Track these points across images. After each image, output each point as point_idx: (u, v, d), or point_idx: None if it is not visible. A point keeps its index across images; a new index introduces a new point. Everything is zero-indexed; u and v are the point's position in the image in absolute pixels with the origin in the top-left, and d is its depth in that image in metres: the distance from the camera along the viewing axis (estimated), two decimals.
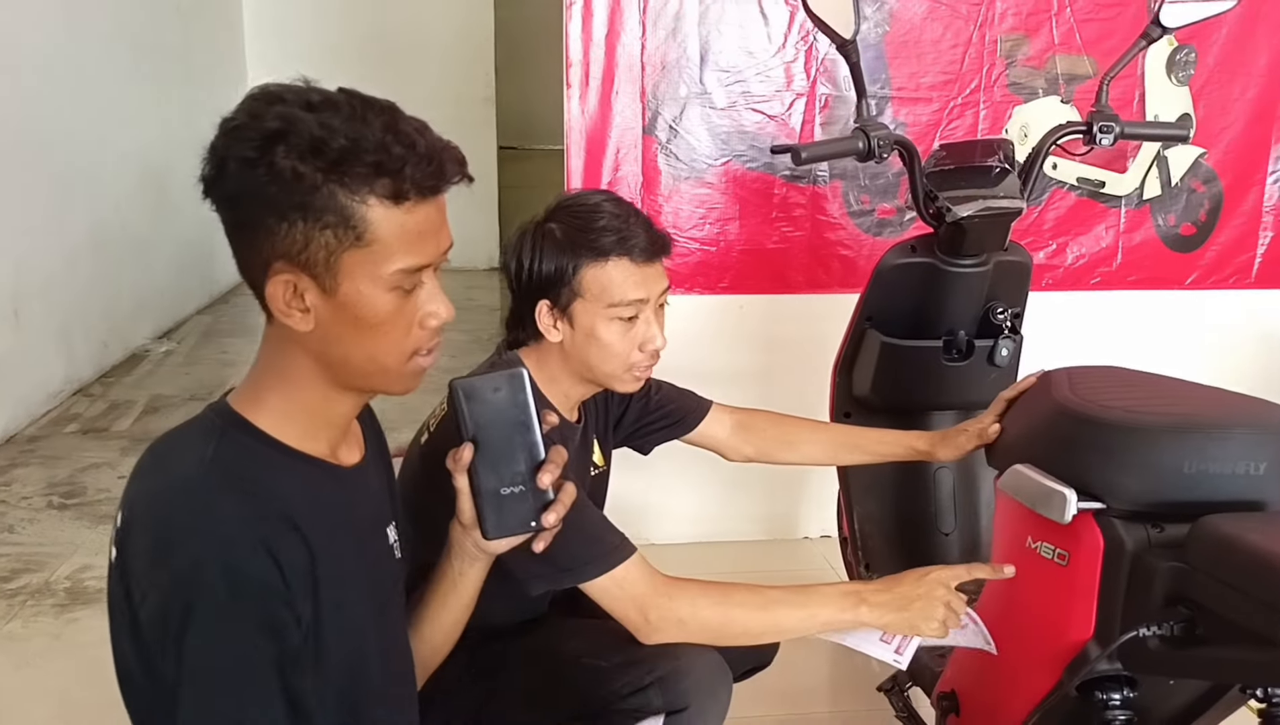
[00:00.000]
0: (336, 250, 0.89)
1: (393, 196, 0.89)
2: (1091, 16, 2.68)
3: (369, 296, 0.91)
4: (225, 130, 0.89)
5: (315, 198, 0.87)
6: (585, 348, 1.42)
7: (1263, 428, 1.21)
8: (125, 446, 3.43)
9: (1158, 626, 1.14)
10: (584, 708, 1.37)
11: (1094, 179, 2.82)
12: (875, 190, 2.72)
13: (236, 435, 0.94)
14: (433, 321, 0.95)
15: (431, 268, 0.94)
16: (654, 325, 1.43)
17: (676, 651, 1.34)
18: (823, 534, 2.88)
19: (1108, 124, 1.84)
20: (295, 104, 0.88)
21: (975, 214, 1.80)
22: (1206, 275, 2.90)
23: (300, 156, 0.86)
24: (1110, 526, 1.22)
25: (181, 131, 4.90)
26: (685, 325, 2.70)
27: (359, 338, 0.93)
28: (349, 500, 1.00)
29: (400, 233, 0.90)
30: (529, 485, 1.02)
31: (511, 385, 1.02)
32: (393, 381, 0.97)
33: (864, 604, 1.31)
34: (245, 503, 0.89)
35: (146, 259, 4.57)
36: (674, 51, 2.58)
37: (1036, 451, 1.33)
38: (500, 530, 1.04)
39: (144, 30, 4.65)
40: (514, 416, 1.02)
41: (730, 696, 1.40)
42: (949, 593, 1.32)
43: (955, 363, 1.94)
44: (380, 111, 0.90)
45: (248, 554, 0.86)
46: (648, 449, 1.74)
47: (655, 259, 1.42)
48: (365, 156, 0.87)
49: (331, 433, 1.00)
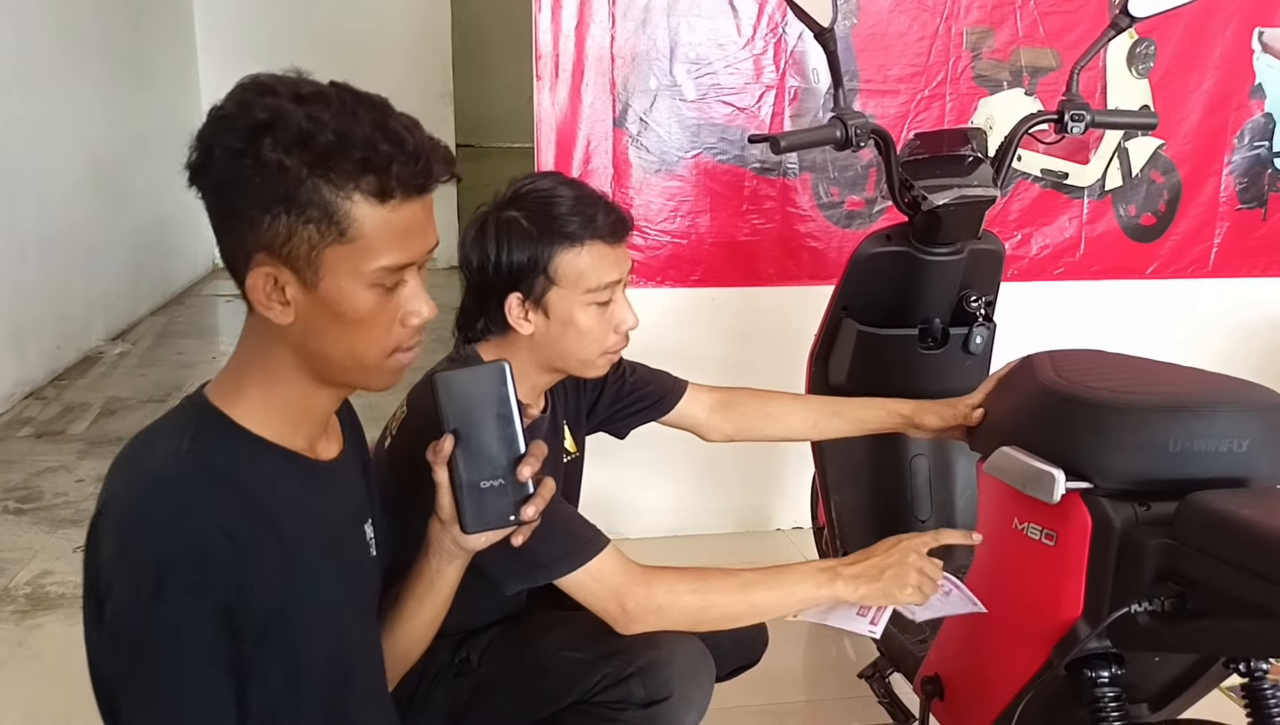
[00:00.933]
0: (319, 245, 0.88)
1: (378, 194, 0.88)
2: (1054, 9, 2.72)
3: (350, 292, 0.90)
4: (213, 118, 0.88)
5: (300, 191, 0.86)
6: (562, 336, 1.39)
7: (1246, 405, 1.23)
8: (82, 449, 3.35)
9: (1148, 602, 1.16)
10: (567, 701, 1.36)
11: (1057, 170, 2.86)
12: (845, 182, 2.74)
13: (212, 428, 0.93)
14: (414, 320, 0.95)
15: (415, 266, 0.94)
16: (624, 305, 1.42)
17: (658, 640, 1.33)
18: (795, 525, 2.89)
19: (1079, 112, 1.86)
20: (285, 96, 0.87)
21: (950, 202, 1.81)
22: (1166, 265, 2.95)
23: (287, 149, 0.85)
24: (1098, 505, 1.23)
25: (132, 131, 4.80)
26: (657, 318, 2.70)
27: (339, 333, 0.92)
28: (325, 495, 0.99)
29: (385, 230, 0.89)
30: (509, 479, 1.02)
31: (493, 378, 1.02)
32: (372, 377, 0.97)
33: (839, 578, 1.33)
34: (215, 498, 0.88)
35: (98, 260, 4.46)
36: (644, 44, 2.57)
37: (1023, 433, 1.35)
38: (479, 524, 1.04)
39: (93, 28, 4.55)
40: (495, 410, 1.02)
41: (713, 683, 1.40)
42: (920, 558, 1.34)
43: (931, 351, 1.96)
44: (370, 107, 0.89)
45: (215, 547, 0.86)
46: (624, 433, 1.72)
47: (623, 238, 1.41)
48: (352, 152, 0.86)
49: (310, 427, 0.99)
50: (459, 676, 1.42)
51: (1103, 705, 1.27)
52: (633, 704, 1.32)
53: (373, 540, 1.08)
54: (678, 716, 1.33)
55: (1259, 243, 2.99)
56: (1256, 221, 2.99)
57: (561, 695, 1.36)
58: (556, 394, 1.56)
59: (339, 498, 1.02)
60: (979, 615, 1.50)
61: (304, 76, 0.91)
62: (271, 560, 0.89)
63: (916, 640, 1.84)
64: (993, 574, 1.45)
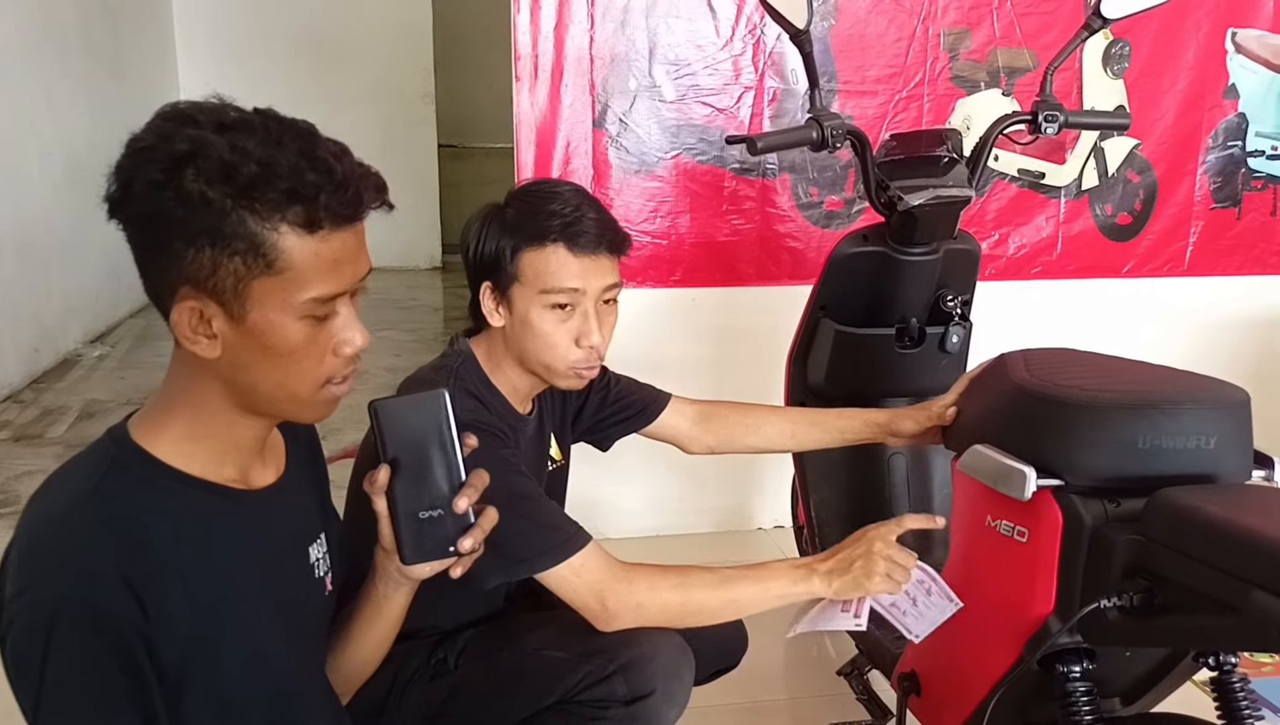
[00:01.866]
0: (246, 277, 0.86)
1: (306, 224, 0.86)
2: (1031, 10, 2.74)
3: (279, 324, 0.88)
4: (132, 150, 0.86)
5: (224, 224, 0.84)
6: (522, 335, 1.40)
7: (1213, 403, 1.25)
8: (60, 453, 3.33)
9: (1118, 598, 1.17)
10: (549, 701, 1.36)
11: (1034, 170, 2.88)
12: (823, 183, 2.75)
13: (128, 465, 0.91)
14: (347, 349, 0.93)
15: (347, 295, 0.92)
16: (592, 320, 1.38)
17: (638, 638, 1.34)
18: (776, 524, 2.91)
19: (1053, 113, 1.88)
20: (207, 125, 0.85)
21: (926, 203, 1.82)
22: (1142, 263, 2.98)
23: (209, 181, 0.83)
24: (1069, 502, 1.24)
25: (111, 130, 4.75)
26: (638, 318, 2.71)
27: (268, 365, 0.90)
28: (255, 525, 0.97)
29: (314, 261, 0.87)
30: (448, 509, 0.99)
31: (431, 406, 0.98)
32: (304, 410, 0.95)
33: (814, 575, 1.35)
34: (116, 539, 0.86)
35: (76, 261, 4.44)
36: (622, 45, 2.58)
37: (995, 431, 1.36)
38: (418, 556, 1.01)
39: (70, 27, 4.52)
40: (433, 438, 0.98)
41: (693, 678, 1.41)
42: (887, 546, 1.35)
43: (908, 350, 1.97)
44: (296, 135, 0.87)
45: (110, 591, 0.84)
46: (607, 444, 1.73)
47: (599, 252, 1.38)
48: (278, 182, 0.84)
49: (240, 456, 0.97)
50: (435, 678, 1.42)
51: (1074, 700, 1.28)
52: (616, 701, 1.32)
53: (320, 560, 1.06)
54: (660, 713, 1.34)
55: (1233, 241, 3.02)
56: (1231, 221, 3.02)
57: (543, 695, 1.36)
58: (545, 401, 1.57)
59: (273, 525, 1.00)
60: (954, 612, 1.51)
61: (228, 104, 0.88)
62: (177, 605, 0.88)
63: (894, 638, 1.86)
64: (967, 570, 1.46)
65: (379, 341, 5.10)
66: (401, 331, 4.85)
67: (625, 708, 1.33)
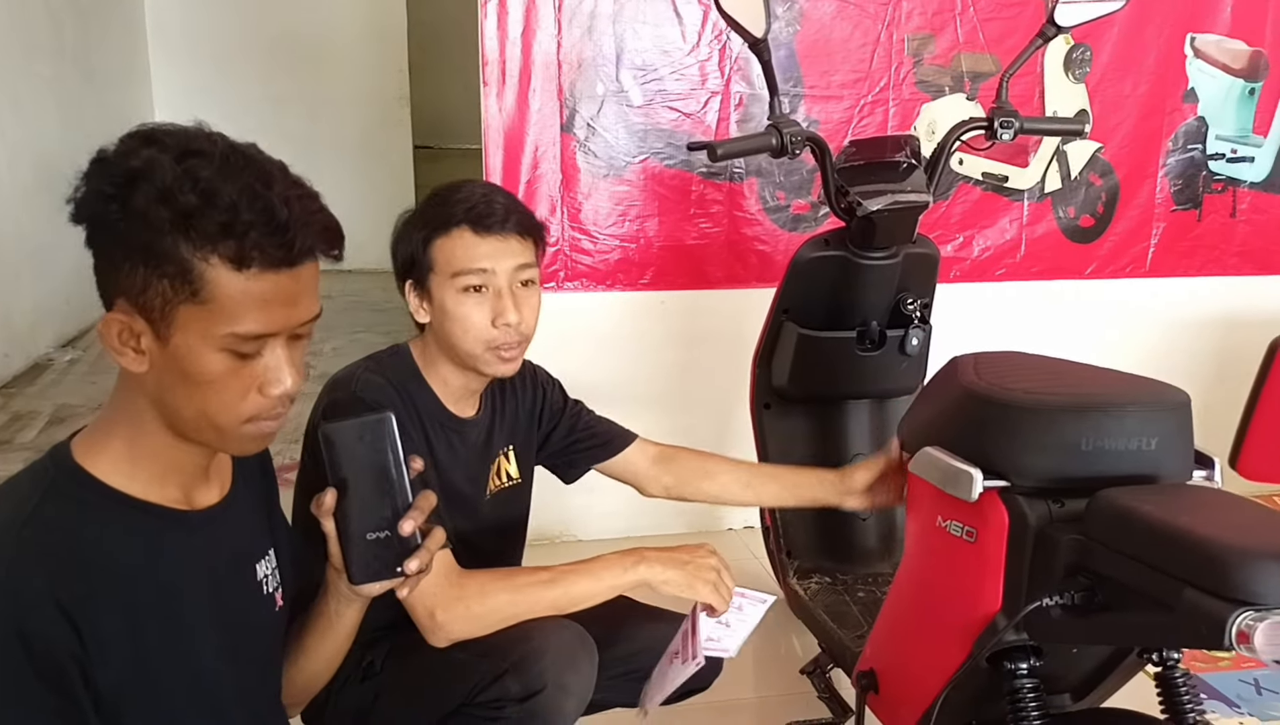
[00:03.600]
0: (173, 301, 0.87)
1: (234, 260, 0.86)
2: (994, 16, 2.78)
3: (199, 353, 0.88)
4: (95, 159, 0.88)
5: (158, 245, 0.85)
6: (443, 324, 1.43)
7: (1154, 405, 1.28)
8: (30, 458, 3.26)
9: (1060, 596, 1.20)
10: (455, 704, 1.37)
11: (998, 174, 2.92)
12: (790, 186, 2.78)
13: (66, 485, 0.91)
14: (274, 390, 0.92)
15: (280, 336, 0.91)
16: (506, 299, 1.41)
17: (530, 633, 1.34)
18: (746, 525, 2.93)
19: (1008, 119, 1.91)
20: (169, 149, 0.86)
21: (884, 208, 1.85)
22: (1105, 265, 3.02)
23: (150, 201, 0.84)
24: (1014, 503, 1.27)
25: (82, 133, 4.74)
26: (608, 321, 2.74)
27: (188, 392, 0.90)
28: (196, 546, 0.98)
29: (240, 298, 0.87)
30: (394, 531, 1.00)
31: (377, 430, 1.00)
32: (228, 442, 0.94)
33: (643, 562, 1.36)
34: (51, 564, 0.86)
35: (46, 265, 4.41)
36: (590, 50, 2.60)
37: (944, 434, 1.39)
38: (365, 576, 1.03)
39: (41, 29, 4.49)
40: (379, 461, 1.00)
41: (594, 667, 1.40)
42: (720, 563, 1.37)
43: (868, 352, 2.00)
44: (254, 172, 0.87)
45: (43, 617, 0.84)
46: (572, 475, 1.74)
47: (505, 232, 1.41)
48: (214, 215, 0.85)
49: (181, 477, 0.97)
50: (364, 681, 1.43)
51: (1021, 696, 1.31)
52: (509, 700, 1.32)
53: (269, 577, 1.07)
54: (556, 706, 1.34)
55: (1194, 243, 3.07)
56: (1191, 223, 3.07)
57: (449, 698, 1.37)
58: (500, 413, 1.57)
59: (216, 545, 1.00)
60: (909, 610, 1.54)
61: (205, 132, 0.89)
62: (114, 629, 0.88)
63: (855, 636, 1.89)
64: (920, 570, 1.49)
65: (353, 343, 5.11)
66: (377, 334, 4.85)
67: (520, 705, 1.33)
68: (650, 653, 1.50)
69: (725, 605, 1.35)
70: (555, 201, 2.65)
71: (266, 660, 1.09)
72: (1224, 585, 1.00)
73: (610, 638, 1.46)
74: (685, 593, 1.35)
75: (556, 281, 2.69)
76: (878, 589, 2.05)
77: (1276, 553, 1.01)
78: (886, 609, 1.63)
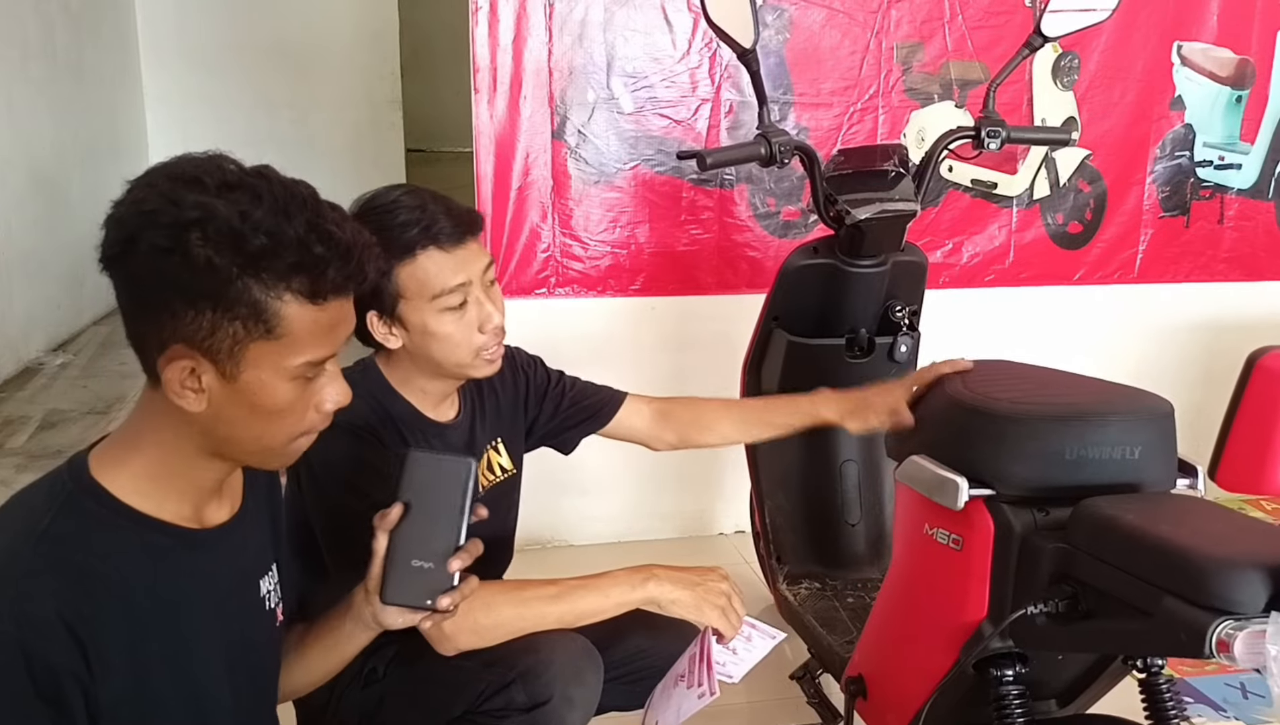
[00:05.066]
0: (244, 340, 0.88)
1: (310, 295, 0.88)
2: (982, 24, 2.79)
3: (270, 386, 0.90)
4: (136, 211, 0.86)
5: (229, 290, 0.86)
6: (426, 346, 1.40)
7: (1138, 414, 1.30)
8: (21, 463, 3.31)
9: (1044, 603, 1.21)
10: (458, 711, 1.37)
11: (987, 181, 2.94)
12: (780, 193, 2.80)
13: (81, 501, 0.91)
14: (328, 405, 0.96)
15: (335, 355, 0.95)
16: (487, 304, 1.40)
17: (537, 644, 1.34)
18: (737, 530, 2.94)
19: (995, 129, 1.93)
20: (213, 189, 0.86)
21: (873, 216, 1.87)
22: (1093, 271, 3.04)
23: (217, 248, 0.85)
24: (1000, 511, 1.29)
25: (74, 137, 4.74)
26: (598, 327, 2.75)
27: (252, 422, 0.92)
28: (206, 564, 0.99)
29: (312, 328, 0.90)
30: (439, 565, 1.05)
31: (456, 471, 1.07)
32: (271, 459, 0.98)
33: (652, 579, 1.33)
34: (60, 582, 0.86)
35: (38, 269, 4.40)
36: (580, 57, 2.61)
37: (931, 442, 1.40)
38: (397, 597, 1.07)
39: (32, 32, 4.48)
40: (449, 499, 1.06)
41: (600, 680, 1.40)
42: (732, 589, 1.34)
43: (857, 359, 2.01)
44: (302, 204, 0.88)
45: (49, 636, 0.85)
46: (569, 447, 1.73)
47: (465, 239, 1.39)
48: (285, 255, 0.86)
49: (198, 495, 0.98)
50: (367, 686, 1.43)
51: (1007, 702, 1.33)
52: (515, 709, 1.33)
53: (271, 592, 1.08)
54: (561, 718, 1.34)
55: (1181, 249, 3.09)
56: (1179, 229, 3.09)
57: (452, 705, 1.37)
58: (480, 410, 1.58)
59: (224, 563, 1.01)
60: (897, 616, 1.56)
61: (228, 161, 0.89)
62: (118, 648, 0.89)
63: (844, 641, 1.90)
64: (907, 577, 1.50)
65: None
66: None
67: (525, 715, 1.33)
68: (646, 656, 1.50)
69: (733, 632, 1.32)
70: (546, 208, 2.66)
71: (264, 675, 1.10)
72: (1204, 594, 1.02)
73: (606, 641, 1.46)
74: (694, 615, 1.33)
75: (548, 287, 2.70)
76: (867, 595, 2.06)
77: (1256, 562, 1.02)
78: (875, 615, 1.64)
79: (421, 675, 1.41)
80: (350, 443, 1.34)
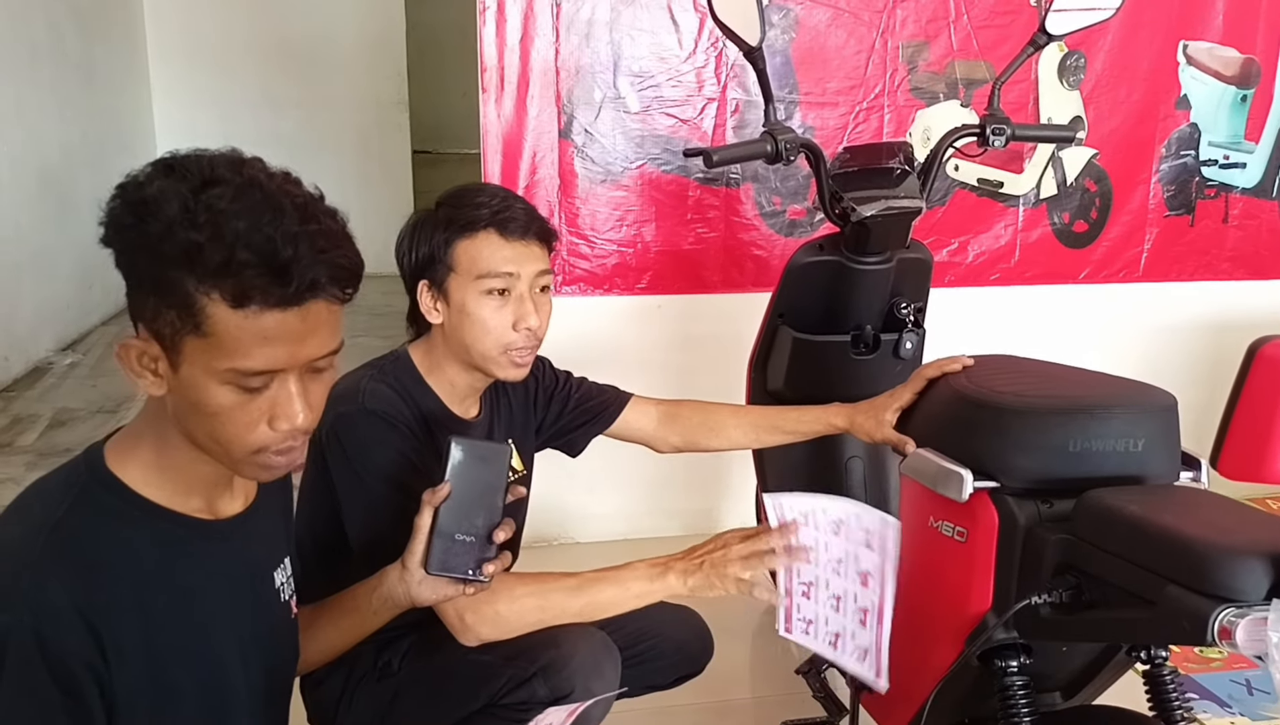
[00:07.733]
0: (180, 332, 0.87)
1: (233, 299, 0.86)
2: (987, 23, 2.80)
3: (203, 385, 0.89)
4: (120, 184, 0.89)
5: (167, 276, 0.86)
6: (460, 325, 1.43)
7: (1141, 407, 1.30)
8: (31, 462, 3.33)
9: (1048, 594, 1.22)
10: (477, 705, 1.38)
11: (993, 180, 2.95)
12: (786, 192, 2.81)
13: (96, 492, 0.92)
14: (283, 425, 0.92)
15: (290, 372, 0.91)
16: (528, 303, 1.43)
17: (558, 638, 1.35)
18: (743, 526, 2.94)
19: (1000, 126, 1.94)
20: (189, 178, 0.86)
21: (878, 214, 1.87)
22: (1098, 270, 3.05)
23: (160, 236, 0.85)
24: (1004, 503, 1.30)
25: (83, 137, 4.77)
26: (604, 325, 2.76)
27: (197, 419, 0.91)
28: (219, 554, 1.00)
29: (239, 334, 0.87)
30: (480, 538, 1.19)
31: (498, 456, 1.23)
32: (240, 468, 0.96)
33: (670, 572, 1.35)
34: (76, 572, 0.87)
35: (47, 268, 4.43)
36: (587, 57, 2.63)
37: (936, 435, 1.41)
38: (441, 568, 1.19)
39: (40, 32, 4.51)
40: (490, 480, 1.21)
41: (618, 674, 1.42)
42: (743, 544, 1.35)
43: (863, 356, 2.02)
44: (267, 205, 0.86)
45: (64, 625, 0.86)
46: (575, 449, 1.75)
47: (528, 237, 1.43)
48: (216, 251, 0.84)
49: (205, 489, 0.99)
50: (381, 680, 1.44)
51: (1011, 693, 1.33)
52: (537, 703, 1.34)
53: (285, 583, 1.10)
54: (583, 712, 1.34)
55: (1186, 248, 3.10)
56: (1184, 228, 3.10)
57: (471, 699, 1.38)
58: (498, 410, 1.60)
59: (238, 555, 1.02)
60: (902, 609, 1.56)
61: (232, 159, 0.89)
62: (133, 638, 0.89)
63: None
64: (913, 570, 1.50)
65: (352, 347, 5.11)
66: (375, 337, 4.85)
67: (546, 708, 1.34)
68: (649, 636, 1.53)
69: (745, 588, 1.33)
70: (553, 207, 2.68)
71: (277, 666, 1.11)
72: (1206, 582, 1.03)
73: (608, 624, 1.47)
74: (715, 592, 1.34)
75: (554, 286, 2.71)
76: None
77: (1258, 550, 1.03)
78: None
79: (439, 669, 1.42)
80: (385, 430, 1.39)
